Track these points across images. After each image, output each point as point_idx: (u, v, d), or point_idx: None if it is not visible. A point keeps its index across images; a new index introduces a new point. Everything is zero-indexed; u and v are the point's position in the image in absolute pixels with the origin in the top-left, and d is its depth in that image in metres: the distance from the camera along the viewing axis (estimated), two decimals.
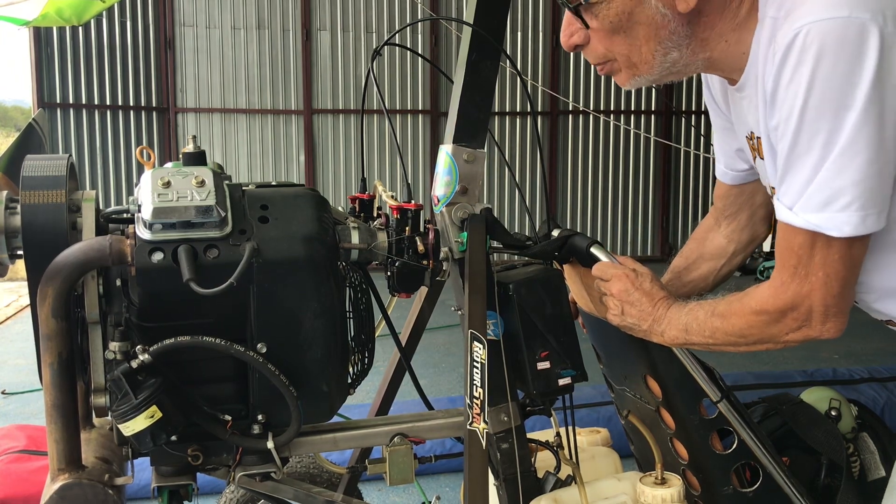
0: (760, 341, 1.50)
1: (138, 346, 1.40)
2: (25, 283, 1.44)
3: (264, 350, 1.47)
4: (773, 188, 1.45)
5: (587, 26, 1.46)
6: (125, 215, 1.52)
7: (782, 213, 1.37)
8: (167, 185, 1.40)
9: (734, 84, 1.52)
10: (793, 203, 1.33)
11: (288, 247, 1.46)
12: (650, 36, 1.43)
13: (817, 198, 1.29)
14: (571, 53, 9.79)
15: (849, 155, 1.25)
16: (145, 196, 1.40)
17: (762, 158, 1.50)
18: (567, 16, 1.50)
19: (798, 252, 1.36)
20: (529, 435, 1.79)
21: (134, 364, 1.38)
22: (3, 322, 7.56)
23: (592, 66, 1.57)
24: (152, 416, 1.37)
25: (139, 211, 1.41)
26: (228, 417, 1.51)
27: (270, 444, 1.54)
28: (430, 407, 1.91)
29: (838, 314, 1.40)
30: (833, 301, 1.38)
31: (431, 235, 1.68)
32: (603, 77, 9.92)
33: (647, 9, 1.40)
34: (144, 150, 1.60)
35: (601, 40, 1.47)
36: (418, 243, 1.65)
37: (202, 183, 1.41)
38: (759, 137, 1.49)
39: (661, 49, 1.44)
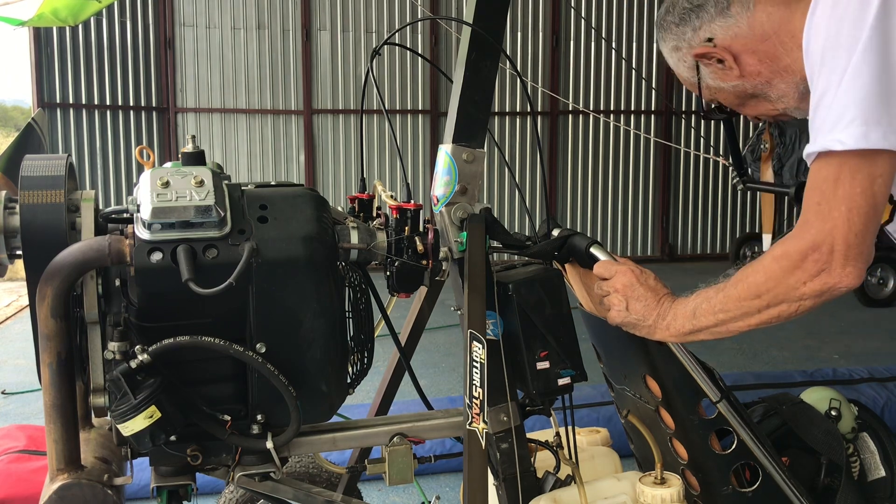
0: (775, 300, 1.48)
1: (137, 346, 1.39)
2: (25, 283, 1.44)
3: (263, 350, 1.47)
4: None
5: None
6: (124, 215, 1.52)
7: (805, 150, 1.44)
8: (166, 184, 1.40)
9: None
10: (815, 139, 1.41)
11: (287, 247, 1.46)
12: None
13: (828, 122, 1.38)
14: (571, 53, 9.88)
15: (853, 77, 1.35)
16: (144, 196, 1.40)
17: None
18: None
19: (822, 187, 1.40)
20: (529, 435, 1.79)
21: (133, 364, 1.38)
22: (3, 322, 7.55)
23: (591, 66, 1.59)
24: (151, 417, 1.37)
25: (138, 211, 1.41)
26: (227, 417, 1.51)
27: (269, 444, 1.54)
28: (429, 407, 1.91)
29: (859, 257, 1.40)
30: (855, 240, 1.39)
31: (431, 235, 1.68)
32: (603, 77, 10.05)
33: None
34: (144, 150, 1.60)
35: None
36: (418, 243, 1.65)
37: (201, 183, 1.41)
38: None
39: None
